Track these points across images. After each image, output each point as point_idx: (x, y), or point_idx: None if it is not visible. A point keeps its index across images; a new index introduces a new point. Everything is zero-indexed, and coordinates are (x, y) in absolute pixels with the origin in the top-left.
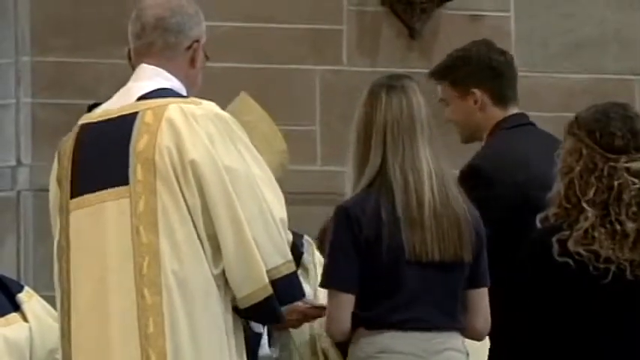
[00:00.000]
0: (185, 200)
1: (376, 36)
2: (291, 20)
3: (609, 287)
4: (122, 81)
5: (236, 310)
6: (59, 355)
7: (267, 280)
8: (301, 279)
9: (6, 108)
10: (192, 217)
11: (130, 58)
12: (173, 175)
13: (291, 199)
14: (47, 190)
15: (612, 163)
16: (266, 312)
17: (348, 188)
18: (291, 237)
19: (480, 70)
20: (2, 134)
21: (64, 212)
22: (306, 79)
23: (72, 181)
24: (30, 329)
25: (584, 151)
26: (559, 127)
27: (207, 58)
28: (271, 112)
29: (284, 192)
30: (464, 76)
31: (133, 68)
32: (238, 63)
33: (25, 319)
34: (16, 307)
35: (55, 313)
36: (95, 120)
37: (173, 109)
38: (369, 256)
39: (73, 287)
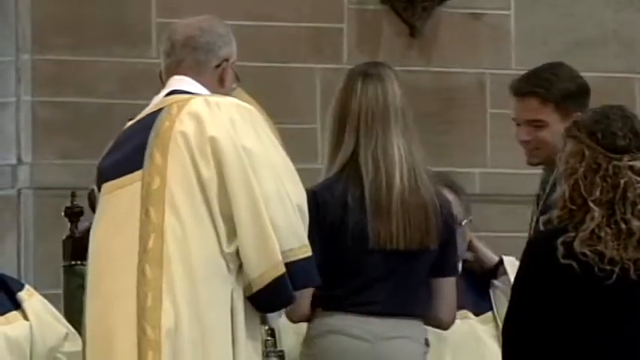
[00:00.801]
0: (200, 176)
1: (377, 34)
2: (292, 18)
3: (613, 288)
4: (122, 79)
5: (251, 299)
6: (60, 354)
7: (280, 258)
8: None
9: (6, 106)
10: (206, 193)
11: (161, 78)
12: (188, 156)
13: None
14: (47, 189)
15: (616, 162)
16: (278, 292)
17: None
18: (307, 225)
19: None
20: (3, 132)
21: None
22: (307, 77)
23: (99, 173)
24: (30, 327)
25: (587, 152)
26: None
27: (237, 79)
28: (272, 110)
29: None
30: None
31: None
32: (238, 61)
33: (25, 317)
34: (17, 306)
35: (56, 312)
36: (133, 122)
37: (197, 100)
38: (333, 240)
39: (91, 268)
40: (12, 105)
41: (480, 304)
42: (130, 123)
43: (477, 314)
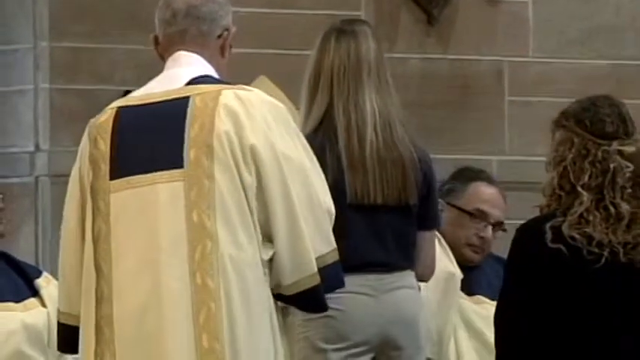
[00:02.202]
0: (242, 183)
1: (394, 22)
2: (310, 6)
3: (602, 271)
4: (139, 67)
5: (277, 297)
6: None
7: (316, 269)
8: None
9: (24, 93)
10: (247, 200)
11: (156, 44)
12: (232, 161)
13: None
14: (65, 176)
15: (605, 148)
16: (312, 300)
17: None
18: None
19: None
20: (20, 120)
21: (102, 193)
22: None
23: (112, 162)
24: (48, 314)
25: (576, 140)
26: None
27: (230, 47)
28: (290, 98)
29: None
30: None
31: (160, 54)
32: (255, 49)
33: (43, 304)
34: (35, 293)
35: None
36: (137, 103)
37: (228, 94)
38: None
39: (115, 269)
40: (30, 92)
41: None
42: (132, 96)
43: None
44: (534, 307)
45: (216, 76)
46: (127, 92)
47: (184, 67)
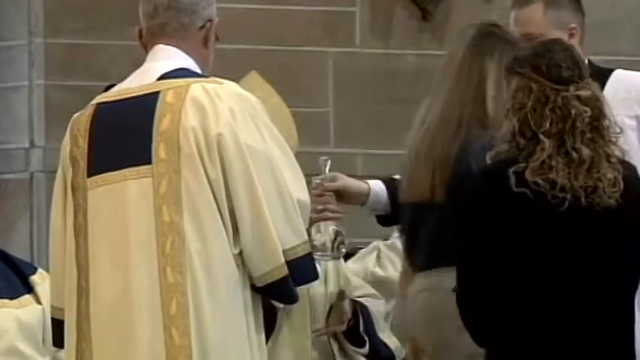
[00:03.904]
0: (208, 177)
1: (389, 18)
2: (304, 2)
3: (565, 214)
4: (135, 62)
5: (253, 287)
6: None
7: (283, 260)
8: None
9: (19, 90)
10: (214, 194)
11: (140, 37)
12: (197, 155)
13: (305, 182)
14: None
15: (564, 93)
16: (281, 292)
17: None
18: (309, 217)
19: None
20: (15, 116)
21: (81, 190)
22: (319, 61)
23: (89, 160)
24: (43, 311)
25: (534, 86)
26: None
27: (217, 38)
28: (284, 94)
29: None
30: None
31: (144, 47)
32: (251, 45)
33: (38, 301)
34: (30, 290)
35: None
36: (113, 99)
37: (196, 88)
38: None
39: (92, 266)
40: (25, 89)
41: None
42: (111, 92)
43: None
44: (499, 249)
45: (195, 68)
46: (110, 87)
47: (161, 61)
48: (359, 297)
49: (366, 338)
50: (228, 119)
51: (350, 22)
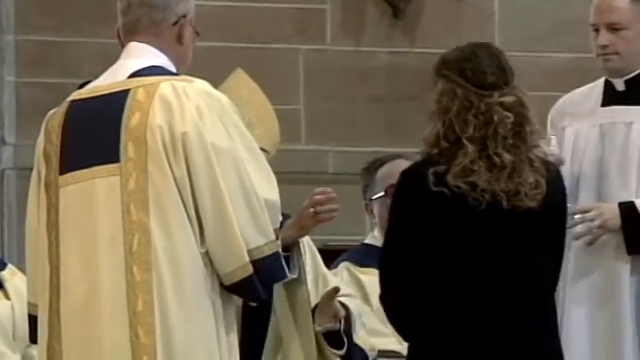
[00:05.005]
0: (174, 176)
1: (360, 15)
2: None
3: (486, 216)
4: (106, 60)
5: (222, 285)
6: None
7: (247, 259)
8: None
9: None
10: (180, 193)
11: (119, 36)
12: (163, 153)
13: (276, 179)
14: (31, 169)
15: (487, 100)
16: (247, 291)
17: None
18: (279, 217)
19: None
20: None
21: (53, 188)
22: (290, 58)
23: (61, 157)
24: (12, 307)
25: (459, 91)
26: (545, 105)
27: (197, 34)
28: None
29: None
30: None
31: (122, 45)
32: (222, 42)
33: (7, 296)
34: None
35: None
36: (85, 96)
37: (165, 86)
38: None
39: (63, 263)
40: None
41: None
42: (84, 89)
43: None
44: (419, 248)
45: (169, 65)
46: (84, 84)
47: (133, 59)
48: (339, 296)
49: (345, 339)
50: (194, 118)
51: (321, 20)
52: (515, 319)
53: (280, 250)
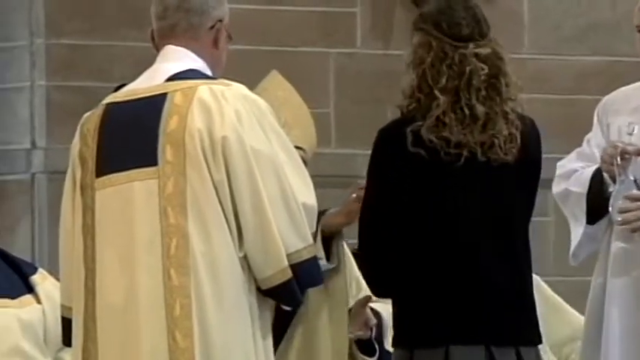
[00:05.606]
0: (212, 180)
1: (389, 18)
2: (305, 3)
3: (462, 170)
4: (136, 63)
5: (259, 290)
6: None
7: (286, 264)
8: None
9: (21, 90)
10: (219, 197)
11: (152, 39)
12: (202, 157)
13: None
14: (61, 173)
15: (462, 50)
16: (286, 295)
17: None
18: (315, 222)
19: None
20: (17, 117)
21: (90, 190)
22: (320, 62)
23: (97, 160)
24: (43, 311)
25: (434, 43)
26: (570, 109)
27: (230, 38)
28: None
29: None
30: None
31: (157, 49)
32: (250, 45)
33: (38, 301)
34: (30, 289)
35: None
36: (121, 100)
37: (203, 90)
38: None
39: (99, 266)
40: (26, 89)
41: None
42: (120, 92)
43: None
44: (399, 208)
45: (206, 69)
46: (120, 87)
47: (170, 63)
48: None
49: (377, 347)
50: (233, 122)
51: (351, 23)
52: (491, 265)
53: (317, 255)
